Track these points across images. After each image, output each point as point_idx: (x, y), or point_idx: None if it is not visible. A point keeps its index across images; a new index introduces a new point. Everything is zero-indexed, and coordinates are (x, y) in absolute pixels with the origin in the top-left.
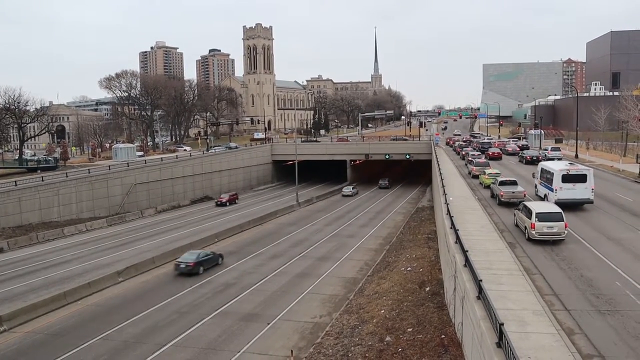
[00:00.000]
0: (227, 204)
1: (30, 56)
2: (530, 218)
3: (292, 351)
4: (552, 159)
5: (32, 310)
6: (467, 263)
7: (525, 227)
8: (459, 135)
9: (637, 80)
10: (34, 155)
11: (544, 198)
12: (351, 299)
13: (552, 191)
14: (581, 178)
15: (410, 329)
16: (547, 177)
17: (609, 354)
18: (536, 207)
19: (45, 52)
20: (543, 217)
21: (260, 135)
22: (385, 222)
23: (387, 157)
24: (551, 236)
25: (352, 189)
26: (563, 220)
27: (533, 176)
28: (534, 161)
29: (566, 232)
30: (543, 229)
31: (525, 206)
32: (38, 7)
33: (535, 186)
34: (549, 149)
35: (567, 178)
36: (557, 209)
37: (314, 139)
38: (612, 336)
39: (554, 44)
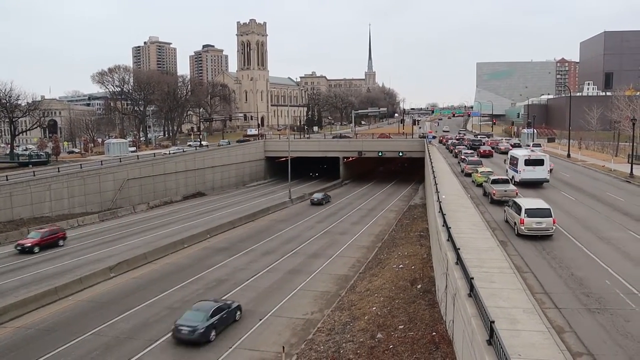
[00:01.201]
0: (36, 248)
1: (21, 50)
2: (519, 214)
3: (283, 347)
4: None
5: (23, 306)
6: (459, 261)
7: (515, 223)
8: (447, 132)
9: (629, 80)
10: (26, 149)
11: (511, 179)
12: (343, 296)
13: (517, 172)
14: (540, 162)
15: (401, 326)
16: (514, 162)
17: (598, 352)
18: (525, 203)
19: (37, 46)
20: (532, 213)
21: (254, 131)
22: (377, 219)
23: (380, 154)
24: (540, 232)
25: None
26: (551, 216)
27: (505, 162)
28: None
29: (554, 227)
30: (532, 224)
31: (514, 202)
32: (31, 1)
33: (507, 170)
34: (531, 145)
35: (529, 162)
36: (546, 206)
37: (347, 135)
38: (601, 334)
39: (547, 44)
